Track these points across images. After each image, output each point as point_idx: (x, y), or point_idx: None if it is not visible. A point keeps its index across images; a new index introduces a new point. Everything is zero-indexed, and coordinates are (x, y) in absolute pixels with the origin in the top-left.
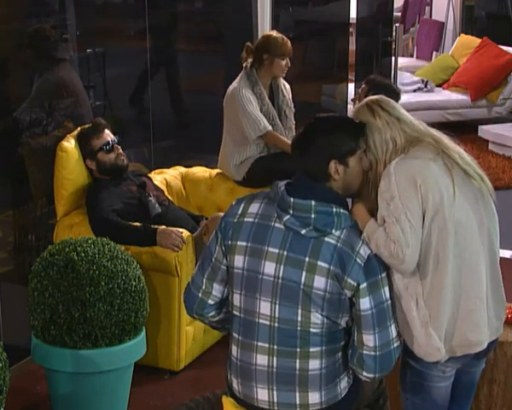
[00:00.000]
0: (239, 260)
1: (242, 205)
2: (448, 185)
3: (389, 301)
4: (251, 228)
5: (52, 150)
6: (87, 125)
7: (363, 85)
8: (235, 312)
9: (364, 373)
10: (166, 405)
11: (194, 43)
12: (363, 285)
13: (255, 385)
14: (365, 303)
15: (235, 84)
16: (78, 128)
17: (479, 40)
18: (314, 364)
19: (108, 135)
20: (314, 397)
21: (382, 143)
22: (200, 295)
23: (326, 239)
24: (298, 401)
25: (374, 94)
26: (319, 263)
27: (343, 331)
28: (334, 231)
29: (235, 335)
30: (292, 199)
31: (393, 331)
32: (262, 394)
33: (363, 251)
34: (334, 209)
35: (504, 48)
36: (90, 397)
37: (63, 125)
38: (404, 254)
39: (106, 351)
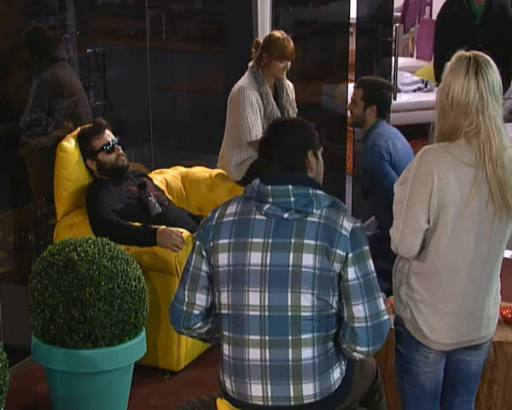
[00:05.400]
0: (223, 258)
1: (219, 210)
2: (464, 197)
3: (374, 274)
4: (231, 226)
5: (52, 150)
6: (87, 126)
7: (356, 89)
8: (223, 311)
9: (358, 348)
10: (166, 405)
11: (194, 43)
12: (351, 255)
13: (249, 381)
14: (352, 273)
15: (240, 82)
16: (79, 128)
17: None
18: (306, 353)
19: (109, 135)
20: (308, 388)
21: (459, 92)
22: (184, 308)
23: (309, 219)
24: (292, 394)
25: (372, 95)
26: (305, 241)
27: (334, 318)
28: (315, 210)
29: (226, 333)
30: (269, 187)
31: (382, 304)
32: (256, 390)
33: (347, 224)
34: (311, 191)
35: None
36: (90, 397)
37: (63, 126)
38: (393, 237)
39: (106, 351)
